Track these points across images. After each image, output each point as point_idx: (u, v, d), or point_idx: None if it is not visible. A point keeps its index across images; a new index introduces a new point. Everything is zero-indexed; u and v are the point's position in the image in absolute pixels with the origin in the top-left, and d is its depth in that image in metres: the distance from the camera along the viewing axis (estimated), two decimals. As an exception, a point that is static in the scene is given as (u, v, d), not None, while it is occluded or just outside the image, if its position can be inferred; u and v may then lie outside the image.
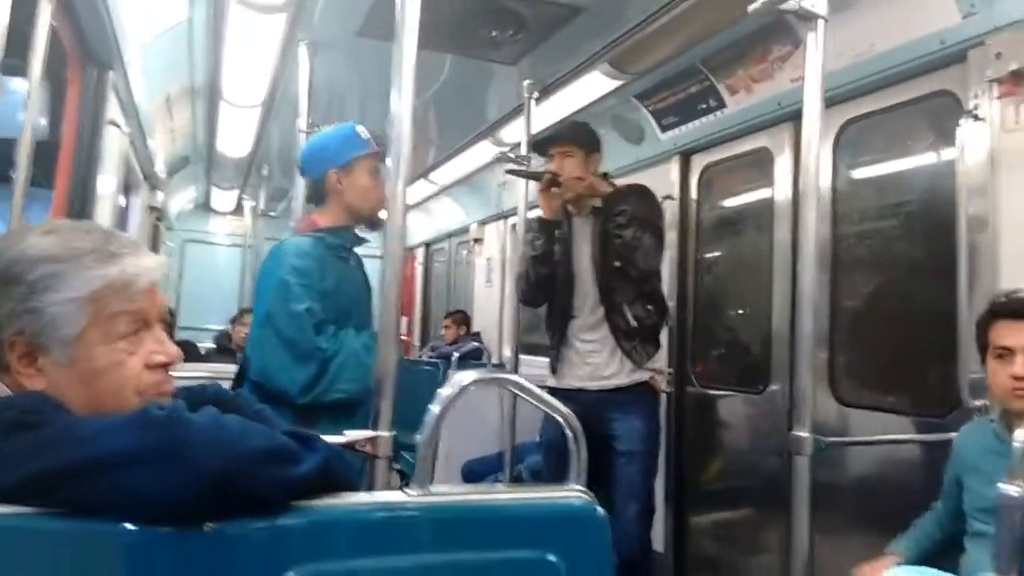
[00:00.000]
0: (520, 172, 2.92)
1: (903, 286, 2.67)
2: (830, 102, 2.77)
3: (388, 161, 1.51)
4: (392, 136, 1.51)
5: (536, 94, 3.40)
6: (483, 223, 6.11)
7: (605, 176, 2.90)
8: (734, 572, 3.36)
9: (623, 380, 2.63)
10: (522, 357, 3.24)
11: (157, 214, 5.56)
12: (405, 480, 3.38)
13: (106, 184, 3.08)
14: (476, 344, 5.12)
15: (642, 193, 2.75)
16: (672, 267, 3.65)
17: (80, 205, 2.80)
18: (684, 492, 3.60)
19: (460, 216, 6.68)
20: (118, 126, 2.93)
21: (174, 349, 1.02)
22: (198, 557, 0.80)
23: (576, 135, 2.84)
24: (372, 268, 6.71)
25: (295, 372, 1.78)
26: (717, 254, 3.63)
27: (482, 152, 4.77)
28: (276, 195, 6.40)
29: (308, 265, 1.89)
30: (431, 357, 5.39)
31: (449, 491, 0.94)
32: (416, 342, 7.88)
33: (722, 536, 3.50)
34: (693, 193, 3.65)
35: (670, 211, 3.67)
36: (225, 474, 0.78)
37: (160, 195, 5.39)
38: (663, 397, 3.65)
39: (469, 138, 4.66)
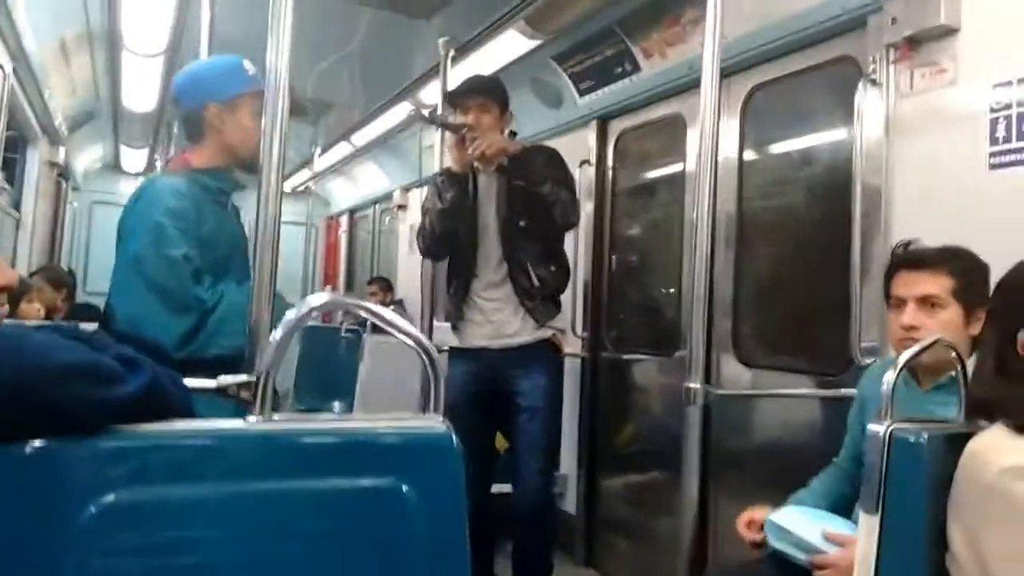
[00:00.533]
0: (438, 121, 2.85)
1: (803, 252, 2.72)
2: (738, 68, 2.83)
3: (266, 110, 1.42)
4: (269, 85, 1.42)
5: (452, 52, 3.34)
6: (407, 189, 6.00)
7: (513, 136, 2.86)
8: (645, 534, 3.41)
9: (526, 338, 2.62)
10: (439, 324, 3.20)
11: (59, 171, 5.26)
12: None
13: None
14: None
15: (550, 154, 2.74)
16: (588, 233, 3.65)
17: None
18: (596, 455, 3.64)
19: (384, 183, 6.55)
20: (1, 68, 2.73)
21: (11, 274, 0.96)
22: (12, 475, 0.75)
23: (493, 90, 2.78)
24: (294, 234, 6.54)
25: (171, 323, 1.66)
26: (632, 221, 3.64)
27: (402, 113, 4.67)
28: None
29: (184, 207, 1.74)
30: (352, 325, 5.29)
31: (293, 418, 0.89)
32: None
33: (633, 499, 3.55)
34: (610, 159, 3.64)
35: (587, 177, 3.67)
36: (21, 387, 0.72)
37: (62, 151, 5.10)
38: (577, 362, 3.69)
39: (388, 98, 4.55)
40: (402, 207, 6.09)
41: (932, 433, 1.20)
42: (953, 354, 1.28)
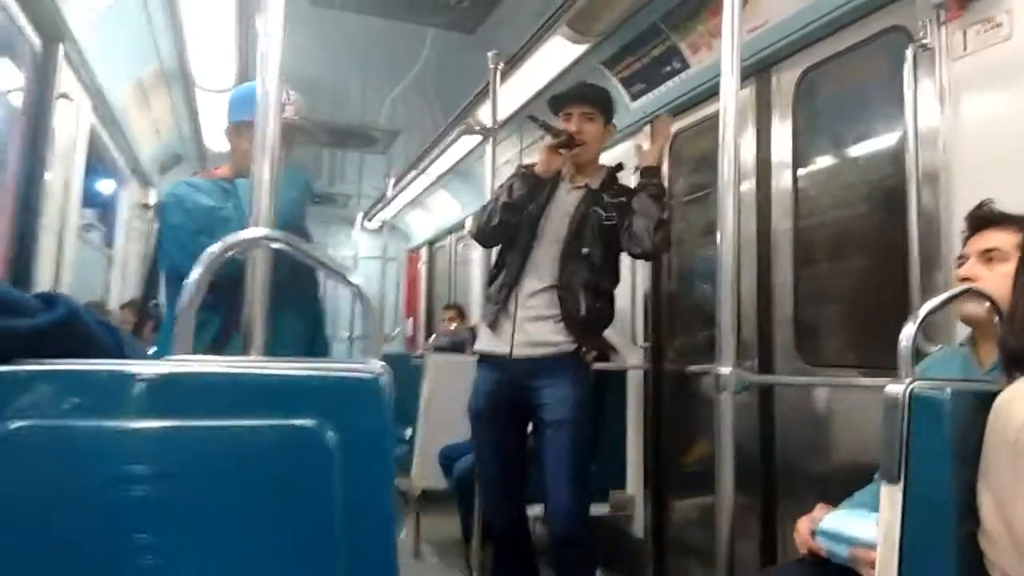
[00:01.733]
0: (540, 121, 2.63)
1: (867, 245, 2.53)
2: (785, 54, 2.70)
3: (257, 135, 1.35)
4: (259, 107, 1.35)
5: (501, 65, 3.34)
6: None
7: (619, 168, 2.79)
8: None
9: (551, 350, 2.48)
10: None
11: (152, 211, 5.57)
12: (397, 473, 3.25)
13: (61, 162, 3.06)
14: (462, 337, 5.08)
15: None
16: (646, 241, 3.54)
17: (27, 183, 2.80)
18: (663, 474, 3.47)
19: (458, 211, 6.62)
20: (70, 99, 2.91)
21: None
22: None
23: (602, 100, 2.70)
24: (374, 269, 6.69)
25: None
26: (691, 226, 3.51)
27: (466, 136, 4.70)
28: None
29: (188, 192, 1.95)
30: (424, 351, 5.33)
31: (211, 359, 0.86)
32: (424, 341, 7.82)
33: (705, 522, 3.35)
34: (665, 164, 3.53)
35: (643, 183, 3.57)
36: None
37: (152, 192, 5.40)
38: (640, 375, 3.55)
39: (451, 120, 4.60)
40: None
41: (957, 389, 1.05)
42: (988, 304, 1.12)
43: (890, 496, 1.08)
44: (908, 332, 1.12)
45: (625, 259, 3.42)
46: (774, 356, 2.74)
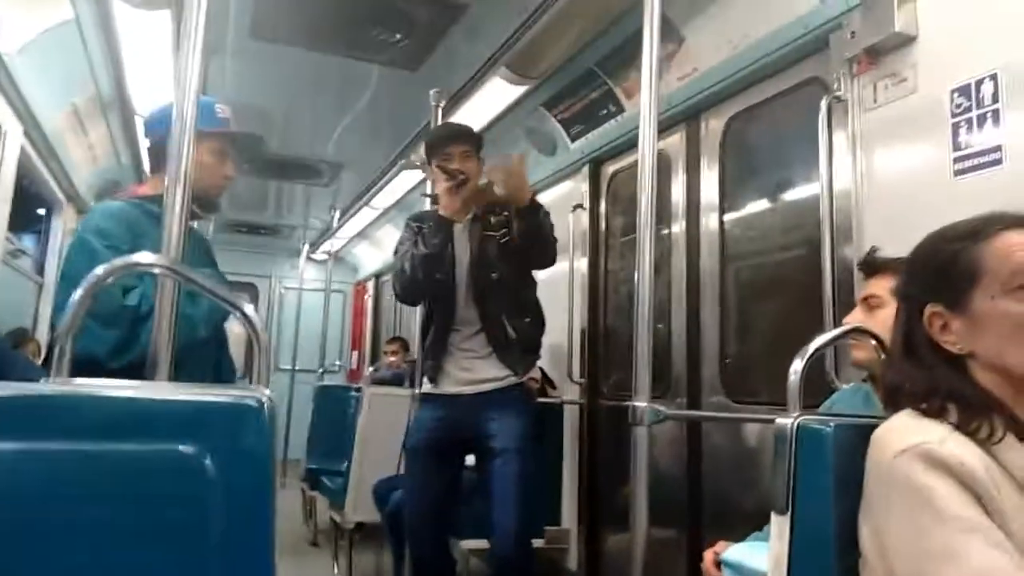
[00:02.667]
0: (435, 165, 2.65)
1: (785, 281, 2.62)
2: (712, 102, 2.81)
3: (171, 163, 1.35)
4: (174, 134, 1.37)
5: (443, 103, 3.39)
6: (423, 250, 6.04)
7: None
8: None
9: (499, 384, 2.54)
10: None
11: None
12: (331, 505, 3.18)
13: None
14: (403, 371, 5.07)
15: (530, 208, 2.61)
16: (582, 278, 3.60)
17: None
18: (598, 509, 3.48)
19: (404, 245, 6.62)
20: (-4, 123, 2.86)
21: None
22: None
23: (476, 138, 2.74)
24: (318, 301, 6.58)
25: (103, 335, 1.66)
26: (628, 263, 3.58)
27: (409, 171, 4.74)
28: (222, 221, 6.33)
29: (111, 226, 1.79)
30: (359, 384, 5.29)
31: (92, 383, 0.85)
32: (366, 373, 7.76)
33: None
34: (603, 202, 3.61)
35: (580, 222, 3.65)
36: None
37: (89, 219, 5.28)
38: (575, 410, 3.58)
39: (395, 155, 4.63)
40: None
41: (840, 424, 1.10)
42: (873, 342, 1.18)
43: (779, 526, 1.11)
44: (796, 367, 1.17)
45: (563, 298, 3.48)
46: (701, 391, 2.80)
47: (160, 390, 0.86)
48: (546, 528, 3.52)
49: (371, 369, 5.64)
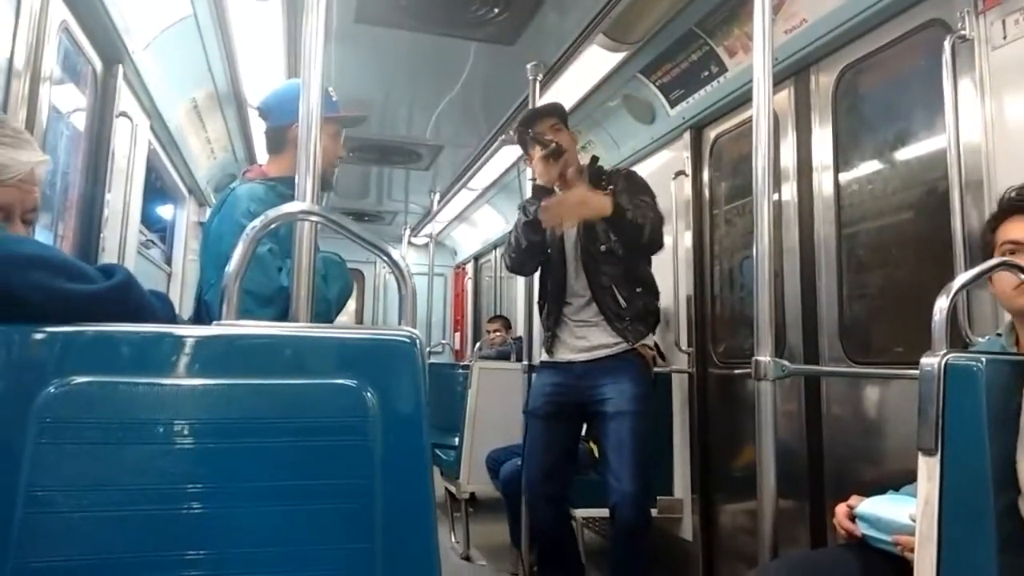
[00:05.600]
0: (531, 136, 2.78)
1: (911, 239, 2.50)
2: (824, 53, 2.70)
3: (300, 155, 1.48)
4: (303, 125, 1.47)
5: (540, 76, 3.40)
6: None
7: (595, 161, 2.94)
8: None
9: (611, 351, 2.65)
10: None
11: (208, 230, 5.75)
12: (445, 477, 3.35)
13: (121, 181, 3.21)
14: (507, 348, 5.15)
15: (628, 174, 2.81)
16: (686, 246, 3.55)
17: (89, 201, 2.94)
18: (711, 478, 3.45)
19: (502, 225, 6.70)
20: (129, 118, 3.06)
21: None
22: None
23: (560, 111, 2.88)
24: (421, 284, 6.80)
25: (259, 315, 1.77)
26: (733, 229, 3.50)
27: (506, 150, 4.78)
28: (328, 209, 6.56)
29: (262, 210, 1.88)
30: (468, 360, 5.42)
31: (259, 325, 0.92)
32: (470, 353, 7.91)
33: (756, 524, 3.31)
34: (705, 168, 3.54)
35: (683, 189, 3.59)
36: None
37: (208, 212, 5.58)
38: (685, 378, 3.55)
39: (493, 132, 4.68)
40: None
41: (993, 360, 1.06)
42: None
43: (928, 468, 1.08)
44: (942, 305, 1.13)
45: (668, 267, 3.46)
46: (819, 352, 2.72)
47: (321, 330, 0.92)
48: (659, 498, 3.52)
49: (476, 347, 5.77)
